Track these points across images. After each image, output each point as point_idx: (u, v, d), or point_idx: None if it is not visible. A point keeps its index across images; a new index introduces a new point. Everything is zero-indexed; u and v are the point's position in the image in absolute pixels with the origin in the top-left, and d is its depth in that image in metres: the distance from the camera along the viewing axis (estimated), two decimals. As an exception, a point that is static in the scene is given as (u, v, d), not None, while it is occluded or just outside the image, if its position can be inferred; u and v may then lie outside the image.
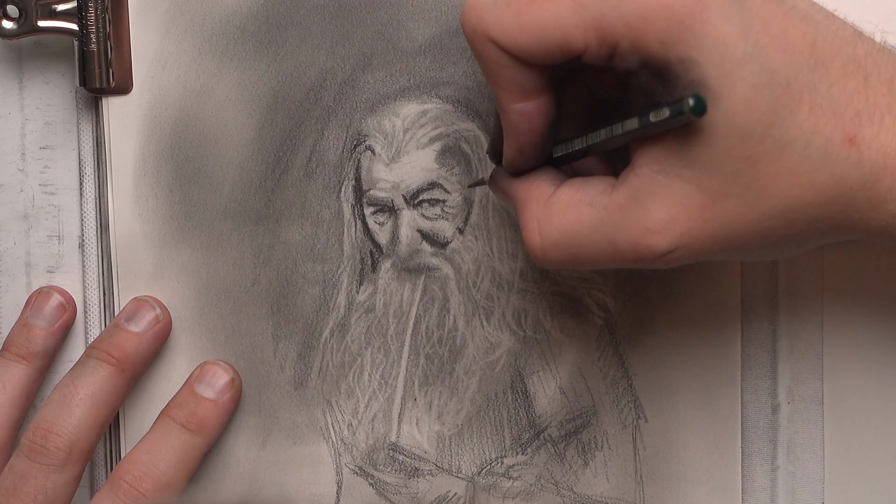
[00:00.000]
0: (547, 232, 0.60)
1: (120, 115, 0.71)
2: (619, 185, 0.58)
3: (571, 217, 0.59)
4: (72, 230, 0.73)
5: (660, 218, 0.57)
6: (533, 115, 0.60)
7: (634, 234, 0.57)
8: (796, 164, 0.56)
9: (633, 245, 0.57)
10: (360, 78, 0.71)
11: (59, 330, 0.72)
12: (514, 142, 0.61)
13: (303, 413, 0.73)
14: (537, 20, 0.56)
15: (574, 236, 0.59)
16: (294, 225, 0.72)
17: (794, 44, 0.56)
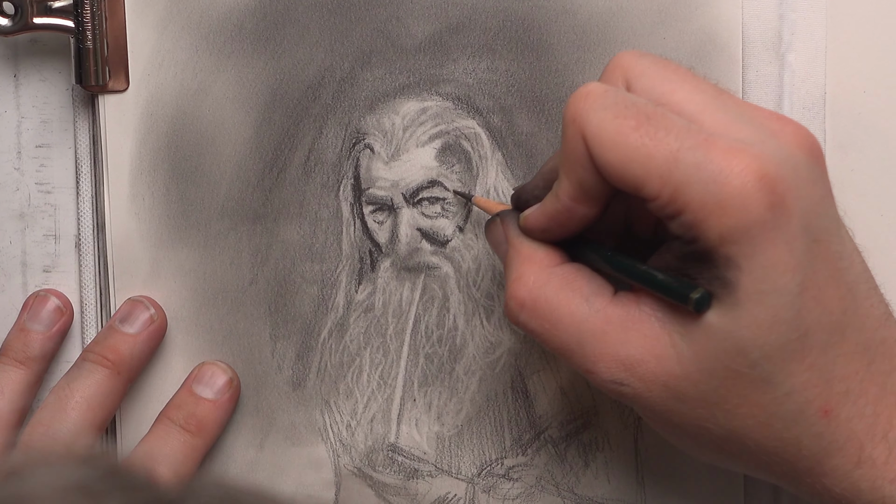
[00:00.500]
0: (536, 296, 0.60)
1: (116, 113, 0.71)
2: (617, 301, 0.59)
3: (563, 298, 0.60)
4: (68, 229, 0.73)
5: (631, 353, 0.58)
6: (580, 216, 0.60)
7: (602, 350, 0.58)
8: (767, 402, 0.57)
9: (595, 357, 0.59)
10: (359, 75, 0.71)
11: (57, 334, 0.72)
12: (546, 222, 0.61)
13: (301, 414, 0.73)
14: (632, 148, 0.56)
15: (555, 315, 0.60)
16: (292, 224, 0.72)
17: (829, 302, 0.56)
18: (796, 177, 0.56)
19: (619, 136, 0.56)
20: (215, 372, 0.71)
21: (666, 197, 0.56)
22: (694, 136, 0.55)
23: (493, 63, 0.70)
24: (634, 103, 0.57)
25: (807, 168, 0.57)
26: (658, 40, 0.70)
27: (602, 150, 0.56)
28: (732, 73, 0.69)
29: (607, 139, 0.56)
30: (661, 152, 0.55)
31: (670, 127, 0.56)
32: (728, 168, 0.54)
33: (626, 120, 0.56)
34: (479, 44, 0.70)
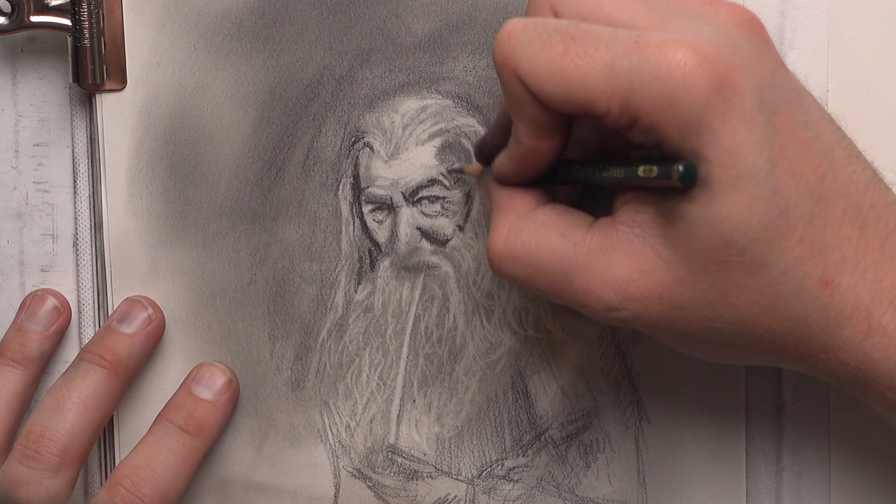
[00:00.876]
0: (512, 243, 0.60)
1: (114, 111, 0.71)
2: (594, 229, 0.59)
3: (540, 239, 0.60)
4: (66, 229, 0.73)
5: (619, 275, 0.58)
6: (544, 151, 0.60)
7: (589, 280, 0.58)
8: (766, 285, 0.56)
9: (584, 289, 0.58)
10: (358, 73, 0.71)
11: (55, 334, 0.72)
12: (515, 165, 0.62)
13: (300, 415, 0.72)
14: (567, 73, 0.56)
15: (535, 258, 0.60)
16: (291, 223, 0.71)
17: (804, 172, 0.56)
18: (739, 54, 0.55)
19: (550, 65, 0.56)
20: (214, 373, 0.71)
21: (616, 110, 0.55)
22: (624, 41, 0.55)
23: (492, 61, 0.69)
24: (557, 28, 0.57)
25: (748, 44, 0.56)
26: None
27: (539, 83, 0.57)
28: None
29: (541, 72, 0.56)
30: (597, 68, 0.55)
31: (598, 40, 0.56)
32: (666, 62, 0.54)
33: (554, 47, 0.56)
34: (480, 41, 0.70)
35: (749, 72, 0.55)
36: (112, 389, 0.69)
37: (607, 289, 0.58)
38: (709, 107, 0.54)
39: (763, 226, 0.55)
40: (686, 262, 0.56)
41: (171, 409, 0.70)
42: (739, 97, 0.55)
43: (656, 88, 0.54)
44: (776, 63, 0.58)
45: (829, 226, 0.57)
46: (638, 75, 0.55)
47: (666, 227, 0.57)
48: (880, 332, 0.57)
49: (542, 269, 0.60)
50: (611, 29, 0.56)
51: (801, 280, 0.56)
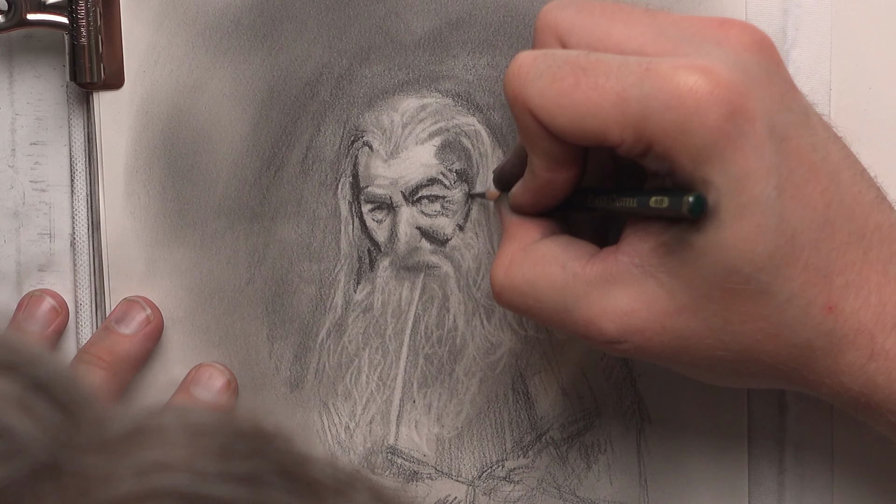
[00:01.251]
0: (513, 275, 0.61)
1: (111, 110, 0.71)
2: (595, 260, 0.59)
3: (539, 271, 0.60)
4: (63, 228, 0.73)
5: (620, 307, 0.57)
6: (560, 183, 0.60)
7: (590, 312, 0.58)
8: (771, 312, 0.56)
9: (585, 321, 0.58)
10: (357, 72, 0.71)
11: (52, 334, 0.71)
12: (531, 196, 0.62)
13: (299, 416, 0.72)
14: (578, 105, 0.56)
15: (535, 290, 0.60)
16: (290, 223, 0.71)
17: (811, 198, 0.56)
18: (749, 79, 0.55)
19: (562, 98, 0.56)
20: (213, 374, 0.71)
21: (630, 139, 0.55)
22: (633, 70, 0.55)
23: (493, 59, 0.70)
24: (567, 60, 0.57)
25: (759, 67, 0.56)
26: None
27: (551, 117, 0.57)
28: None
29: (552, 105, 0.56)
30: (608, 98, 0.55)
31: (608, 70, 0.55)
32: (677, 90, 0.54)
33: (564, 80, 0.56)
34: (480, 40, 0.70)
35: (760, 96, 0.55)
36: (110, 391, 0.68)
37: (607, 320, 0.58)
38: (721, 134, 0.54)
39: (769, 254, 0.55)
40: (689, 291, 0.56)
41: None
42: (750, 123, 0.54)
43: (669, 117, 0.54)
44: (786, 84, 0.57)
45: (834, 251, 0.57)
46: (650, 103, 0.54)
47: (666, 256, 0.56)
48: (883, 355, 0.57)
49: (541, 300, 0.60)
50: (621, 57, 0.56)
51: (805, 306, 0.56)
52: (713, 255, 0.55)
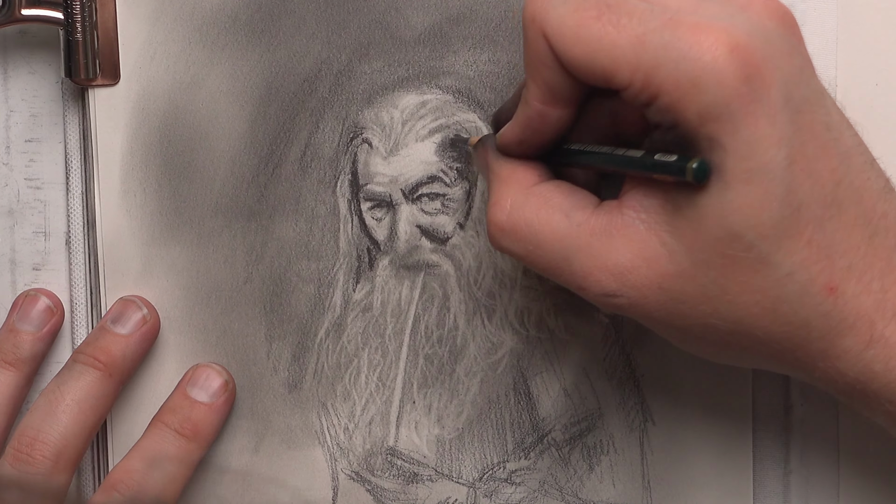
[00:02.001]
0: (515, 217, 0.60)
1: (107, 107, 0.71)
2: (599, 211, 0.59)
3: (543, 216, 0.59)
4: (58, 226, 0.73)
5: (620, 261, 0.57)
6: (551, 119, 0.60)
7: (590, 264, 0.58)
8: (769, 286, 0.56)
9: (583, 272, 0.58)
10: (356, 68, 0.70)
11: (48, 335, 0.71)
12: (520, 132, 0.61)
13: (297, 416, 0.72)
14: (595, 38, 0.56)
15: (537, 235, 0.59)
16: (288, 221, 0.71)
17: (821, 174, 0.56)
18: (770, 47, 0.55)
19: (580, 28, 0.56)
20: (210, 374, 0.71)
21: (638, 83, 0.55)
22: (658, 16, 0.55)
23: (494, 55, 0.70)
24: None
25: (780, 38, 0.56)
26: None
27: (565, 45, 0.56)
28: None
29: (569, 33, 0.56)
30: (626, 38, 0.55)
31: (632, 11, 0.55)
32: (697, 44, 0.54)
33: (587, 11, 0.56)
34: (481, 35, 0.70)
35: (779, 66, 0.55)
36: (106, 391, 0.69)
37: (607, 274, 0.58)
38: (735, 95, 0.54)
39: (773, 223, 0.55)
40: (690, 254, 0.56)
41: (167, 411, 0.70)
42: (766, 90, 0.54)
43: (683, 68, 0.54)
44: (805, 61, 0.57)
45: (839, 231, 0.56)
46: (667, 52, 0.54)
47: (673, 214, 0.56)
48: (882, 343, 0.57)
49: (542, 246, 0.59)
50: (647, 3, 0.56)
51: (805, 284, 0.56)
52: (716, 217, 0.55)
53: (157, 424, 0.69)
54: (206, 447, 0.70)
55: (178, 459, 0.68)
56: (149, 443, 0.69)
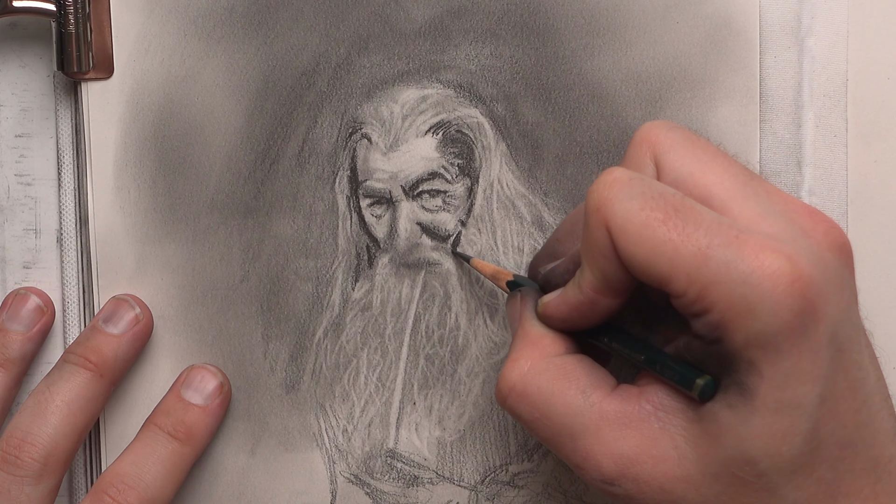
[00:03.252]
0: (528, 382, 0.60)
1: (100, 101, 0.71)
2: (616, 395, 0.59)
3: (558, 388, 0.59)
4: (49, 223, 0.72)
5: (626, 452, 0.57)
6: (601, 308, 0.59)
7: (595, 447, 0.58)
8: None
9: (586, 452, 0.58)
10: (355, 61, 0.70)
11: (38, 335, 0.71)
12: (566, 311, 0.61)
13: (295, 418, 0.72)
14: (658, 242, 0.55)
15: (547, 405, 0.59)
16: (285, 218, 0.71)
17: (844, 415, 0.56)
18: (827, 282, 0.55)
19: (645, 229, 0.56)
20: (205, 376, 0.70)
21: (693, 295, 0.55)
22: (725, 232, 0.55)
23: (496, 49, 0.70)
24: (662, 193, 0.56)
25: (837, 272, 0.56)
26: (671, 24, 0.69)
27: (628, 243, 0.56)
28: (749, 59, 0.69)
29: (633, 232, 0.56)
30: (690, 248, 0.55)
31: (699, 221, 0.55)
32: (760, 269, 0.54)
33: (654, 212, 0.56)
34: (483, 28, 0.70)
35: (832, 301, 0.55)
36: (97, 392, 0.68)
37: (610, 460, 0.58)
38: (786, 327, 0.54)
39: (791, 457, 0.55)
40: (700, 464, 0.56)
41: (160, 414, 0.69)
42: (816, 325, 0.54)
43: (741, 291, 0.54)
44: (853, 297, 0.57)
45: (849, 473, 0.56)
46: (728, 271, 0.54)
47: (692, 421, 0.57)
48: None
49: (550, 418, 0.59)
50: (716, 215, 0.56)
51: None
52: (736, 438, 0.55)
53: (150, 427, 0.69)
54: (200, 450, 0.70)
55: (171, 463, 0.68)
56: (141, 446, 0.68)
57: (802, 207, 0.58)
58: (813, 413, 0.55)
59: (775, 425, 0.55)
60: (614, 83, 0.69)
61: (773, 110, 0.69)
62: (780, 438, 0.55)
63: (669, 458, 0.57)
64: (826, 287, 0.54)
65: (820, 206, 0.69)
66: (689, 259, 0.55)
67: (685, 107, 0.69)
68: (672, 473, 0.57)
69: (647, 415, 0.57)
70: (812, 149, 0.69)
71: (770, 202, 0.58)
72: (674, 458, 0.57)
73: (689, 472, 0.56)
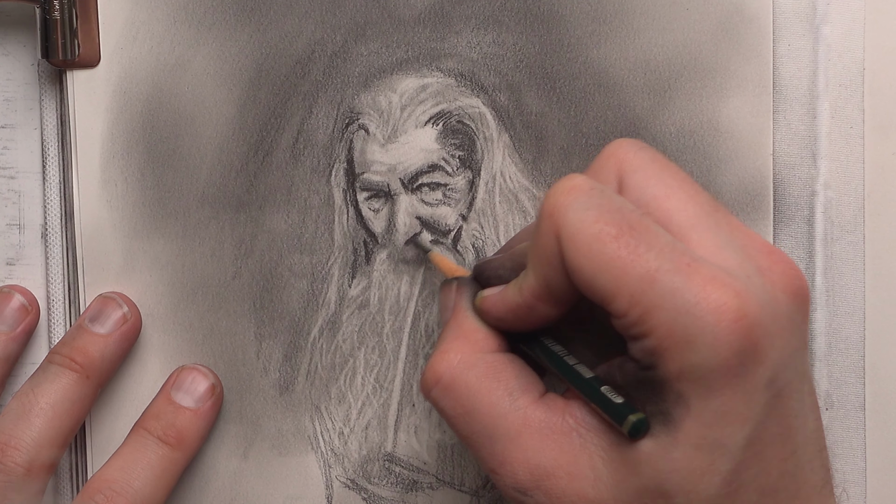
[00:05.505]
0: (455, 375, 0.60)
1: (86, 90, 0.70)
2: (542, 404, 0.58)
3: (485, 388, 0.59)
4: (34, 218, 0.72)
5: (543, 464, 0.57)
6: (539, 314, 0.59)
7: (512, 453, 0.58)
8: None
9: (503, 458, 0.58)
10: (352, 49, 0.70)
11: (21, 335, 0.71)
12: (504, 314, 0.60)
13: (289, 420, 0.71)
14: (606, 258, 0.55)
15: (472, 402, 0.59)
16: (279, 212, 0.70)
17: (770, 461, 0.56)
18: (775, 323, 0.55)
19: (596, 242, 0.55)
20: (196, 377, 0.70)
21: (634, 317, 0.55)
22: (677, 258, 0.55)
23: (499, 36, 0.69)
24: (620, 209, 0.56)
25: (787, 316, 0.56)
26: (680, 11, 0.68)
27: (576, 254, 0.56)
28: (762, 47, 0.68)
29: (583, 243, 0.55)
30: (638, 269, 0.54)
31: (653, 242, 0.55)
32: (705, 301, 0.54)
33: (608, 226, 0.55)
34: (485, 15, 0.69)
35: (776, 345, 0.54)
36: (83, 394, 0.68)
37: (525, 469, 0.57)
38: (724, 365, 0.53)
39: (708, 497, 0.55)
40: (615, 489, 0.56)
41: (149, 417, 0.69)
42: (754, 367, 0.54)
43: (682, 320, 0.53)
44: (802, 342, 0.57)
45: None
46: (673, 298, 0.54)
47: (613, 445, 0.56)
48: None
49: (472, 416, 0.59)
50: (670, 238, 0.56)
51: None
52: (654, 470, 0.55)
53: (139, 431, 0.69)
54: (191, 455, 0.69)
55: (161, 469, 0.68)
56: (130, 450, 0.68)
57: (763, 245, 0.58)
58: (737, 455, 0.54)
59: (695, 462, 0.54)
60: (622, 72, 0.68)
61: (786, 101, 0.68)
62: (699, 476, 0.54)
63: (585, 477, 0.56)
64: (773, 328, 0.54)
65: (835, 199, 0.68)
66: (635, 280, 0.54)
67: (695, 97, 0.68)
68: (585, 494, 0.56)
69: (570, 429, 0.57)
70: (827, 141, 0.68)
71: (731, 236, 0.57)
72: (589, 479, 0.56)
73: (602, 496, 0.56)
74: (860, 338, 0.70)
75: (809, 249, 0.69)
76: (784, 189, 0.68)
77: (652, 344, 0.54)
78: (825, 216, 0.68)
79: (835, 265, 0.69)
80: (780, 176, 0.68)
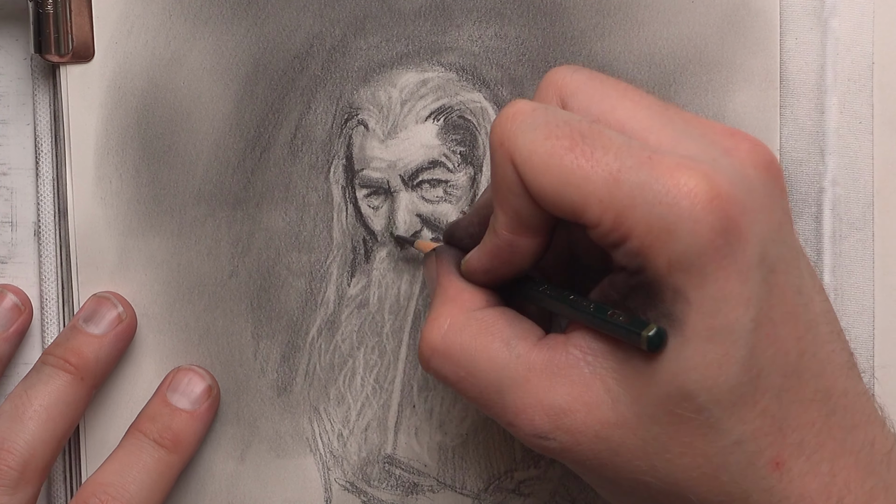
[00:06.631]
0: (451, 339, 0.59)
1: (80, 85, 0.70)
2: (542, 345, 0.58)
3: (481, 343, 0.59)
4: (26, 216, 0.72)
5: (558, 403, 0.56)
6: (521, 249, 0.59)
7: (524, 400, 0.57)
8: (715, 452, 0.55)
9: (515, 408, 0.57)
10: (351, 43, 0.69)
11: (14, 335, 0.70)
12: (488, 261, 0.60)
13: (287, 422, 0.71)
14: (566, 170, 0.54)
15: (472, 362, 0.59)
16: (277, 210, 0.70)
17: (785, 341, 0.55)
18: (751, 199, 0.54)
19: (551, 158, 0.55)
20: (192, 379, 0.70)
21: (608, 223, 0.54)
22: (636, 153, 0.54)
23: (501, 29, 0.69)
24: (567, 121, 0.55)
25: (763, 190, 0.55)
26: (685, 4, 0.68)
27: (534, 174, 0.55)
28: (769, 40, 0.68)
29: (539, 162, 0.55)
30: (600, 173, 0.54)
31: (609, 145, 0.54)
32: (675, 188, 0.53)
33: (559, 140, 0.55)
34: (487, 7, 0.69)
35: (758, 219, 0.54)
36: (78, 396, 0.67)
37: (542, 413, 0.56)
38: (709, 247, 0.53)
39: (730, 387, 0.54)
40: (635, 405, 0.55)
41: (145, 419, 0.69)
42: (742, 245, 0.53)
43: (657, 211, 0.53)
44: (785, 216, 0.56)
45: (796, 404, 0.55)
46: (642, 193, 0.53)
47: (623, 361, 0.55)
48: None
49: (475, 375, 0.58)
50: (625, 137, 0.55)
51: (752, 455, 0.55)
52: (670, 373, 0.54)
53: (134, 433, 0.68)
54: (188, 458, 0.69)
55: (157, 472, 0.67)
56: (125, 453, 0.68)
57: (723, 129, 0.57)
58: (748, 338, 0.53)
59: (709, 354, 0.53)
60: (626, 66, 0.68)
61: (794, 95, 0.68)
62: (716, 368, 0.53)
63: (603, 403, 0.55)
64: (750, 204, 0.54)
65: (844, 196, 0.68)
66: (600, 185, 0.53)
67: (701, 91, 0.68)
68: (607, 419, 0.55)
69: (576, 361, 0.56)
70: (836, 136, 0.68)
71: (687, 127, 0.57)
72: (607, 403, 0.55)
73: (625, 417, 0.55)
74: (869, 336, 0.69)
75: (817, 247, 0.69)
76: (792, 185, 0.68)
77: (634, 245, 0.53)
78: (833, 213, 0.68)
79: (843, 263, 0.69)
80: (788, 172, 0.68)
